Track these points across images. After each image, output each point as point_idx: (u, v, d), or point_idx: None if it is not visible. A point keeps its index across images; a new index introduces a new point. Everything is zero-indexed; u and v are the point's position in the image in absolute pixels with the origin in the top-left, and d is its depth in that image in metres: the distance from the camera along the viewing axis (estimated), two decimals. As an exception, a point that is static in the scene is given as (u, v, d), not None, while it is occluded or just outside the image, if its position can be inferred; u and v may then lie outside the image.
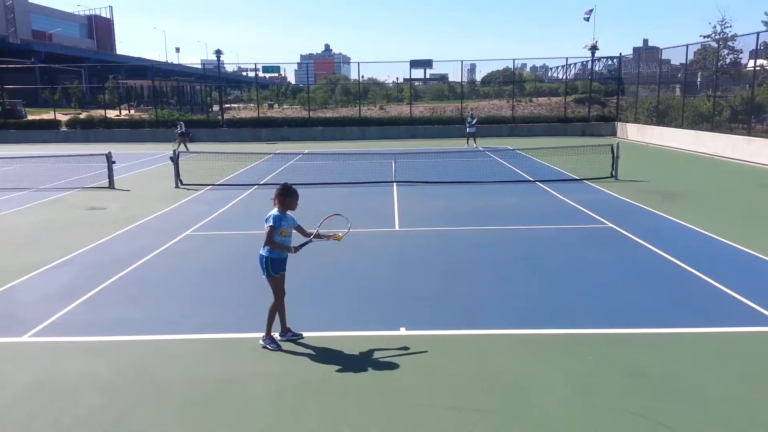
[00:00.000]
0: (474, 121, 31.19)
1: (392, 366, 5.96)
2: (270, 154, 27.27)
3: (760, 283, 8.40)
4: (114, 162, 18.74)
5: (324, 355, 6.27)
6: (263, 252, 6.33)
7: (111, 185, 18.33)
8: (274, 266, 6.33)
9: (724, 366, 5.87)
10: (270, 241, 6.21)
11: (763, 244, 10.32)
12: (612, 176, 18.31)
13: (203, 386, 5.61)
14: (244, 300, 7.97)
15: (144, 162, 26.09)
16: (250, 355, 6.30)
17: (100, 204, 15.55)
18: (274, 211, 6.31)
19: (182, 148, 30.68)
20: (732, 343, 6.45)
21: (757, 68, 26.94)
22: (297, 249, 6.39)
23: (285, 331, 6.63)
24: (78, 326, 7.17)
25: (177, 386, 5.63)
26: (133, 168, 23.69)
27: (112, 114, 44.60)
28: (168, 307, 7.84)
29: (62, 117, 42.29)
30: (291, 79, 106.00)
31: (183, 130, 31.91)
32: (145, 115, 43.56)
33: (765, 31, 28.34)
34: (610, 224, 12.11)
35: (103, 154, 19.03)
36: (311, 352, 6.34)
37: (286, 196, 6.31)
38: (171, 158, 18.49)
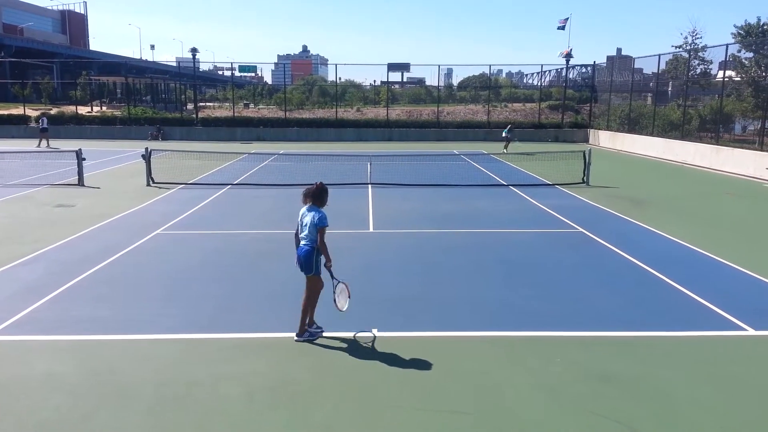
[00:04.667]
0: (508, 127, 31.57)
1: (364, 367, 5.96)
2: (245, 153, 27.04)
3: (725, 289, 8.59)
4: (84, 159, 18.39)
5: (295, 356, 6.24)
6: (310, 246, 6.37)
7: (80, 182, 17.99)
8: (318, 261, 6.44)
9: (691, 370, 5.99)
10: (322, 242, 6.29)
11: (728, 250, 10.57)
12: (584, 182, 18.58)
13: (172, 388, 5.53)
14: (214, 300, 7.88)
15: (115, 159, 25.66)
16: (220, 356, 6.24)
17: (69, 201, 15.25)
18: (323, 210, 6.45)
19: (43, 144, 30.03)
20: (699, 347, 6.58)
21: (725, 79, 27.62)
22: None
23: (310, 325, 6.68)
24: (44, 325, 7.02)
25: (145, 387, 5.54)
26: (103, 165, 23.29)
27: (83, 110, 43.74)
28: (136, 306, 7.71)
29: (32, 112, 41.36)
30: (268, 79, 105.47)
31: (45, 125, 31.10)
32: (117, 112, 42.85)
33: (734, 44, 29.04)
34: (581, 229, 12.29)
35: (73, 151, 18.69)
36: (282, 353, 6.30)
37: (322, 194, 6.51)
38: (143, 156, 18.23)
